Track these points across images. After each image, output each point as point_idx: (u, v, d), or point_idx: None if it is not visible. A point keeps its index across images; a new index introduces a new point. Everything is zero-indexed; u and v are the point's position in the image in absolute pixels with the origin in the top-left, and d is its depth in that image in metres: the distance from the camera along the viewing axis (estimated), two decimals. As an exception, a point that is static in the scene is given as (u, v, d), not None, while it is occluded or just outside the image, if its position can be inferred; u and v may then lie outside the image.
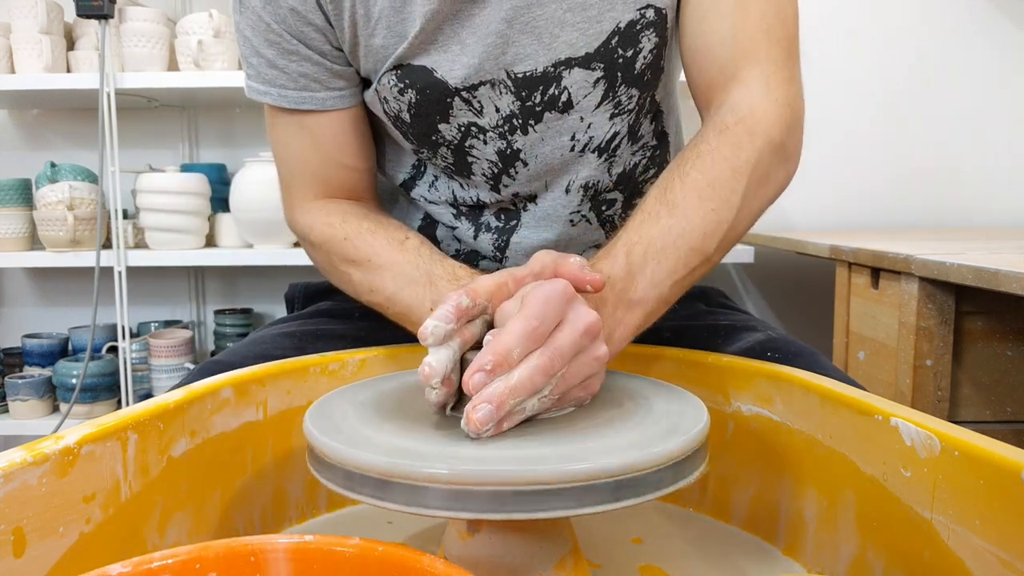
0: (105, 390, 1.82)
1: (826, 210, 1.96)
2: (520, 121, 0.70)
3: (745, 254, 1.70)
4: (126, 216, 1.87)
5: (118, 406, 1.85)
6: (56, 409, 1.86)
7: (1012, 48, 1.91)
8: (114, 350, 1.87)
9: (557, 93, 0.68)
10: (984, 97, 1.92)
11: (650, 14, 0.67)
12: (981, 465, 0.39)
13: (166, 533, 0.50)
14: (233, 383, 0.58)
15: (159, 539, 0.49)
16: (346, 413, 0.47)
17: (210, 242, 1.85)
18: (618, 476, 0.39)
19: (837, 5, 1.91)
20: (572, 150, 0.72)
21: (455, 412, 0.46)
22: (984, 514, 0.39)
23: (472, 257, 0.79)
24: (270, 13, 0.67)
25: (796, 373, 0.56)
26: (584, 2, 0.65)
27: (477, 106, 0.69)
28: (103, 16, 1.65)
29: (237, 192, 1.73)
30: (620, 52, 0.68)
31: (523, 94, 0.68)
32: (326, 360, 0.65)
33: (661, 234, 0.57)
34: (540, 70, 0.67)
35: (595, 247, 0.78)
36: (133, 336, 1.89)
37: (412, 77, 0.68)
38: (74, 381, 1.75)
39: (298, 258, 1.73)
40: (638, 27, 0.67)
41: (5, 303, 2.11)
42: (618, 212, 0.77)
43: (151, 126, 2.03)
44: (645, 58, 0.69)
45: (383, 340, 0.69)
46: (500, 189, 0.74)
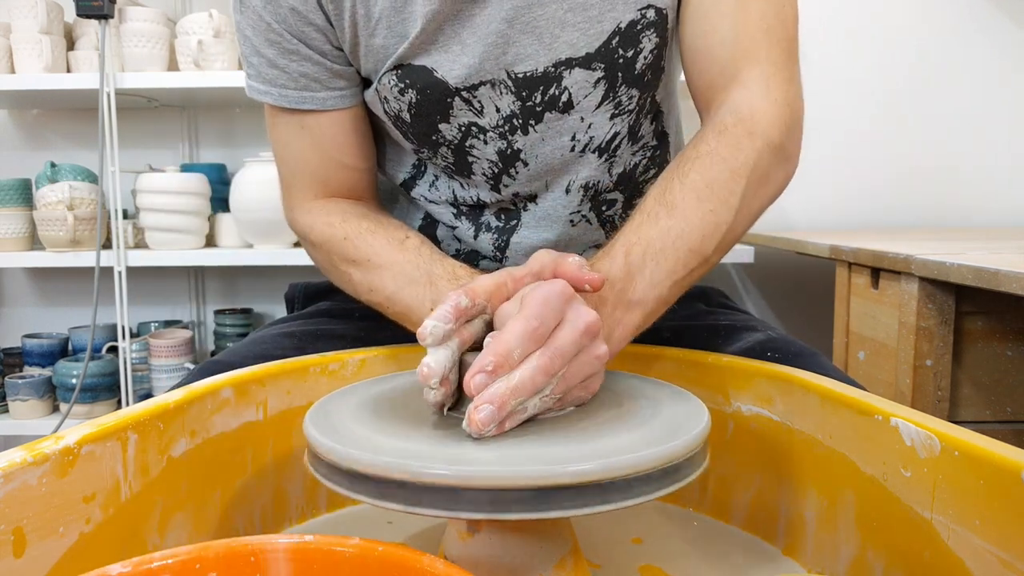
0: (105, 390, 1.82)
1: (826, 210, 1.96)
2: (520, 121, 0.70)
3: (745, 254, 1.70)
4: (126, 216, 1.87)
5: (118, 406, 1.85)
6: (56, 409, 1.86)
7: (1012, 47, 1.91)
8: (114, 350, 1.87)
9: (557, 93, 0.68)
10: (984, 96, 1.92)
11: (651, 14, 0.67)
12: (981, 465, 0.39)
13: (166, 533, 0.50)
14: (233, 383, 0.58)
15: (159, 539, 0.49)
16: (346, 414, 0.47)
17: (210, 242, 1.85)
18: (618, 476, 0.39)
19: (837, 5, 1.91)
20: (572, 150, 0.72)
21: (453, 412, 0.46)
22: (984, 514, 0.39)
23: (472, 257, 0.79)
24: (271, 13, 0.67)
25: (796, 373, 0.56)
26: (585, 2, 0.65)
27: (477, 106, 0.69)
28: (103, 16, 1.65)
29: (237, 192, 1.73)
30: (621, 52, 0.68)
31: (523, 94, 0.68)
32: (326, 360, 0.65)
33: (660, 235, 0.57)
34: (540, 70, 0.67)
35: (595, 247, 0.78)
36: (133, 336, 1.89)
37: (412, 77, 0.68)
38: (74, 381, 1.75)
39: (298, 258, 1.73)
40: (639, 27, 0.67)
41: (5, 303, 2.11)
42: (618, 212, 0.77)
43: (151, 126, 2.03)
44: (646, 58, 0.69)
45: (383, 340, 0.69)
46: (500, 189, 0.74)
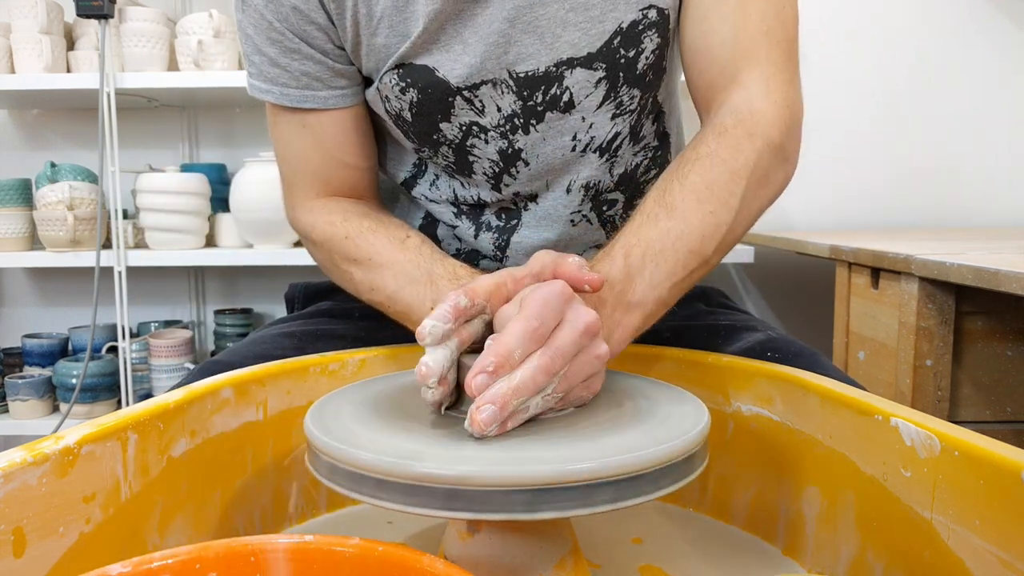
0: (105, 390, 1.82)
1: (826, 210, 1.96)
2: (521, 121, 0.70)
3: (745, 254, 1.70)
4: (126, 216, 1.87)
5: (118, 406, 1.85)
6: (56, 409, 1.86)
7: (1012, 48, 1.91)
8: (114, 350, 1.87)
9: (559, 93, 0.68)
10: (984, 97, 1.92)
11: (652, 14, 0.67)
12: (981, 465, 0.39)
13: (166, 533, 0.50)
14: (233, 383, 0.58)
15: (159, 539, 0.49)
16: (346, 413, 0.47)
17: (210, 242, 1.85)
18: (618, 476, 0.39)
19: (837, 6, 1.91)
20: (573, 150, 0.72)
21: (451, 412, 0.46)
22: (984, 514, 0.39)
23: (473, 256, 0.79)
24: (272, 12, 0.67)
25: (796, 373, 0.56)
26: (586, 2, 0.65)
27: (479, 105, 0.69)
28: (103, 16, 1.65)
29: (237, 192, 1.73)
30: (622, 52, 0.68)
31: (525, 94, 0.68)
32: (326, 360, 0.65)
33: (660, 236, 0.57)
34: (542, 70, 0.67)
35: (596, 247, 0.78)
36: (133, 336, 1.89)
37: (414, 76, 0.68)
38: (74, 381, 1.75)
39: (298, 258, 1.73)
40: (640, 27, 0.67)
41: (5, 303, 2.11)
42: (619, 212, 0.77)
43: (151, 126, 2.03)
44: (647, 58, 0.69)
45: (383, 340, 0.69)
46: (501, 188, 0.74)
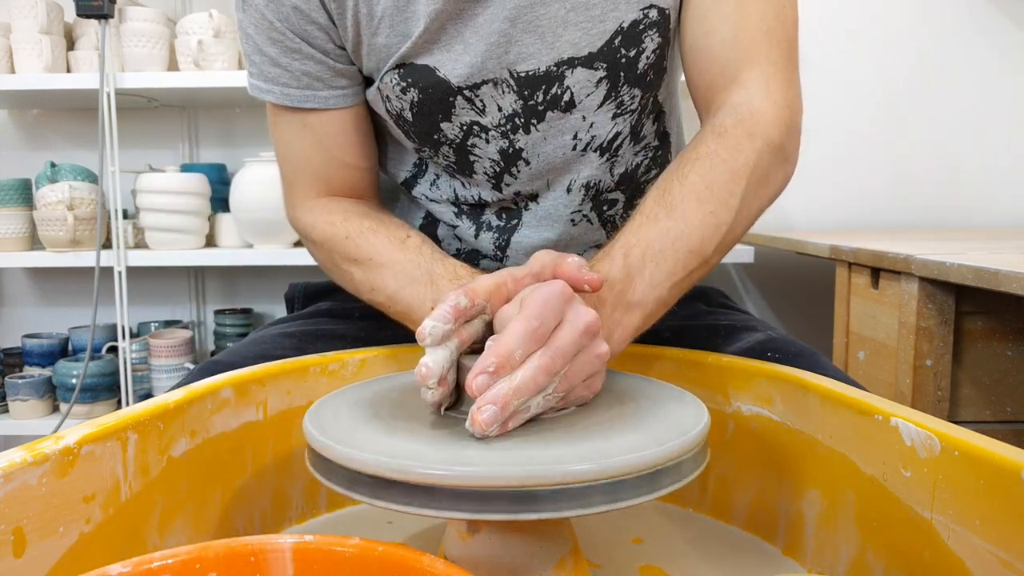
0: (105, 390, 1.82)
1: (826, 210, 1.96)
2: (522, 120, 0.70)
3: (745, 254, 1.69)
4: (126, 216, 1.87)
5: (118, 406, 1.85)
6: (56, 409, 1.86)
7: (1012, 48, 1.91)
8: (114, 350, 1.87)
9: (559, 92, 0.68)
10: (984, 97, 1.92)
11: (653, 14, 0.67)
12: (981, 465, 0.39)
13: (166, 533, 0.50)
14: (233, 383, 0.58)
15: (159, 539, 0.49)
16: (346, 413, 0.47)
17: (210, 242, 1.85)
18: (619, 476, 0.39)
19: (837, 6, 1.91)
20: (574, 149, 0.72)
21: (451, 412, 0.46)
22: (984, 514, 0.39)
23: (473, 256, 0.79)
24: (273, 11, 0.67)
25: (796, 373, 0.56)
26: (587, 2, 0.65)
27: (479, 105, 0.69)
28: (103, 16, 1.65)
29: (237, 192, 1.73)
30: (623, 52, 0.68)
31: (525, 93, 0.68)
32: (326, 360, 0.65)
33: (659, 236, 0.57)
34: (543, 69, 0.67)
35: (596, 247, 0.78)
36: (133, 336, 1.89)
37: (415, 76, 0.68)
38: (74, 381, 1.75)
39: (298, 258, 1.73)
40: (641, 27, 0.67)
41: (5, 303, 2.11)
42: (619, 212, 0.77)
43: (151, 126, 2.03)
44: (648, 58, 0.69)
45: (383, 340, 0.69)
46: (502, 188, 0.74)
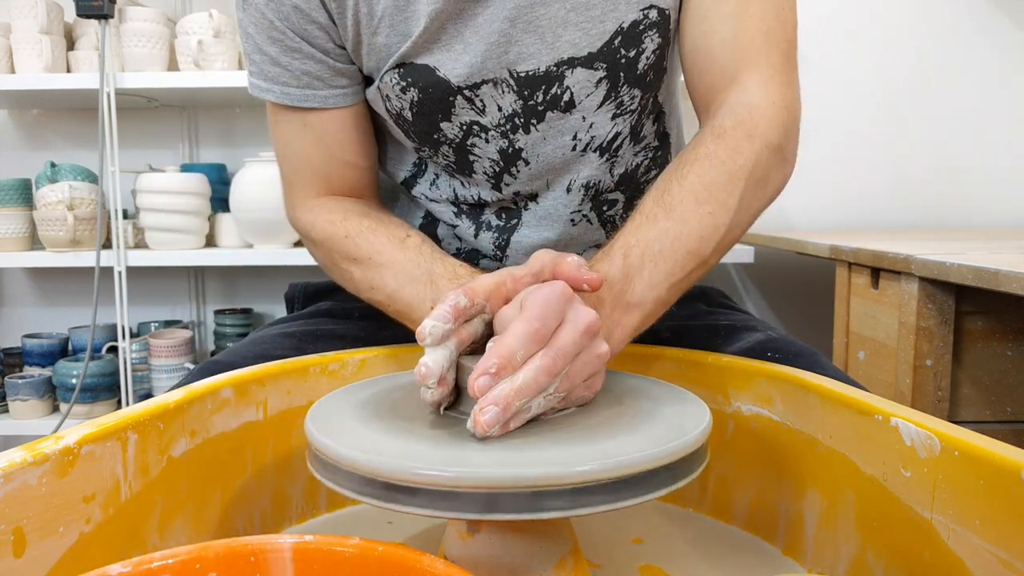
0: (105, 390, 1.82)
1: (826, 210, 1.96)
2: (522, 120, 0.70)
3: (745, 254, 1.69)
4: (126, 216, 1.87)
5: (118, 406, 1.85)
6: (56, 409, 1.86)
7: (1012, 48, 1.91)
8: (114, 350, 1.87)
9: (559, 92, 0.68)
10: (984, 97, 1.92)
11: (653, 15, 0.67)
12: (981, 465, 0.39)
13: (166, 533, 0.50)
14: (233, 383, 0.58)
15: (159, 539, 0.49)
16: (347, 413, 0.47)
17: (210, 242, 1.85)
18: (619, 476, 0.39)
19: (837, 6, 1.91)
20: (574, 150, 0.72)
21: (450, 412, 0.46)
22: (984, 514, 0.39)
23: (473, 256, 0.79)
24: (273, 10, 0.67)
25: (796, 373, 0.56)
26: (587, 2, 0.65)
27: (479, 105, 0.69)
28: (103, 16, 1.65)
29: (237, 192, 1.73)
30: (623, 52, 0.68)
31: (525, 93, 0.68)
32: (326, 360, 0.65)
33: (658, 237, 0.57)
34: (543, 69, 0.67)
35: (596, 247, 0.78)
36: (133, 336, 1.89)
37: (414, 75, 0.68)
38: (74, 381, 1.75)
39: (298, 258, 1.73)
40: (641, 27, 0.67)
41: (5, 303, 2.11)
42: (619, 212, 0.77)
43: (151, 126, 2.03)
44: (648, 59, 0.69)
45: (383, 340, 0.69)
46: (501, 188, 0.74)
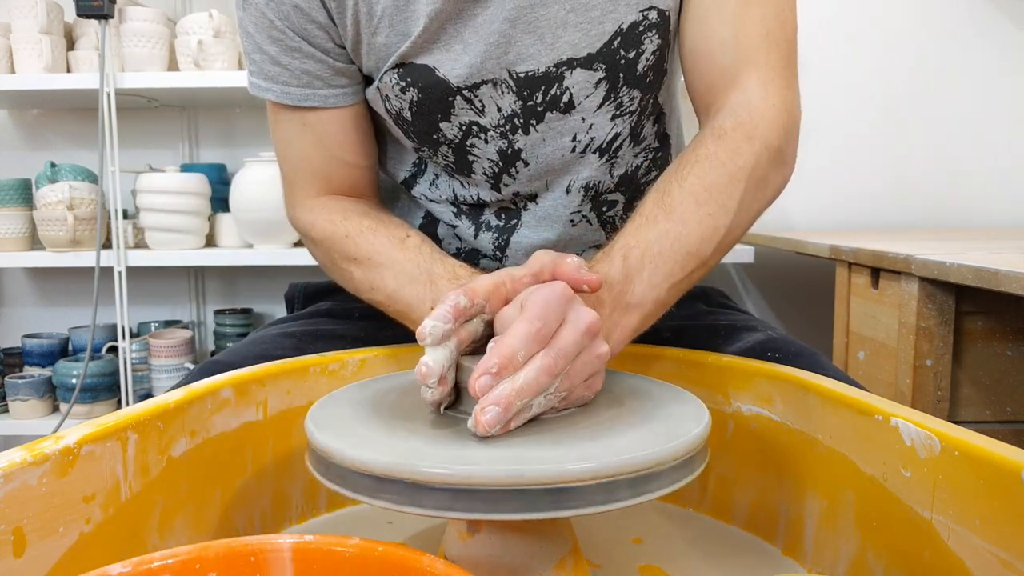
0: (105, 390, 1.82)
1: (826, 210, 1.96)
2: (521, 121, 0.70)
3: (745, 254, 1.69)
4: (126, 216, 1.87)
5: (118, 406, 1.85)
6: (56, 409, 1.86)
7: (1012, 49, 1.91)
8: (114, 350, 1.87)
9: (559, 93, 0.68)
10: (984, 98, 1.92)
11: (653, 16, 0.67)
12: (981, 465, 0.39)
13: (166, 533, 0.50)
14: (233, 383, 0.58)
15: (159, 539, 0.49)
16: (347, 413, 0.47)
17: (210, 242, 1.85)
18: (619, 476, 0.39)
19: (837, 9, 1.91)
20: (573, 150, 0.72)
21: (450, 412, 0.46)
22: (984, 514, 0.39)
23: (472, 256, 0.79)
24: (273, 10, 0.67)
25: (796, 373, 0.56)
26: (587, 3, 0.65)
27: (479, 105, 0.69)
28: (103, 16, 1.65)
29: (237, 192, 1.73)
30: (622, 53, 0.68)
31: (525, 94, 0.68)
32: (326, 360, 0.65)
33: (658, 238, 0.57)
34: (542, 70, 0.67)
35: (595, 247, 0.78)
36: (133, 336, 1.89)
37: (414, 75, 0.68)
38: (74, 381, 1.75)
39: (298, 258, 1.73)
40: (640, 28, 0.67)
41: (5, 303, 2.11)
42: (619, 213, 0.77)
43: (151, 126, 2.03)
44: (647, 60, 0.69)
45: (383, 340, 0.69)
46: (501, 188, 0.74)
